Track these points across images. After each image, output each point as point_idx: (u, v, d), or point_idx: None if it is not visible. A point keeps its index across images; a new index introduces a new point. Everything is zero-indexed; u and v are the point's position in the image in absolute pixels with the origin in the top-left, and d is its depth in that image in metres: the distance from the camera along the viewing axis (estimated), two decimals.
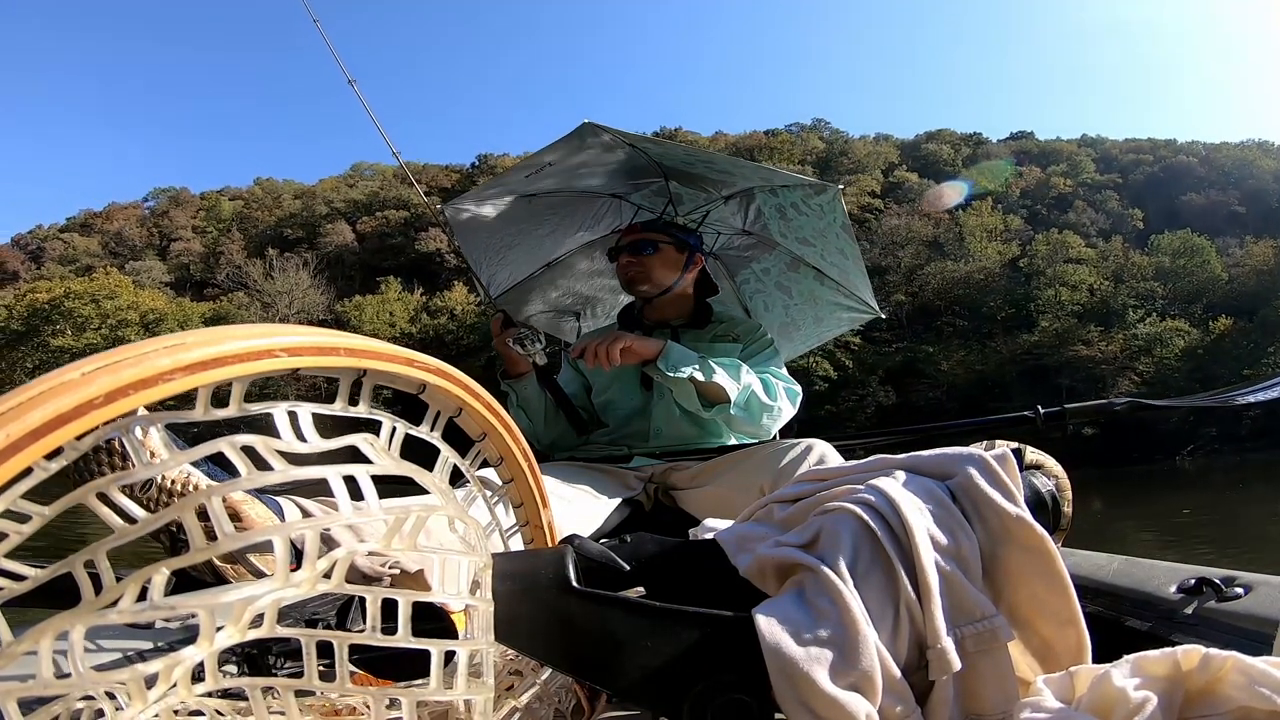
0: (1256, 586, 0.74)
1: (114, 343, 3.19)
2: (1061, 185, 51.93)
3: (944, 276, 41.62)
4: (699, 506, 1.57)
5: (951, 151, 58.81)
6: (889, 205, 49.75)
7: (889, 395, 35.33)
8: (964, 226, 44.53)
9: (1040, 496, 0.65)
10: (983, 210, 45.44)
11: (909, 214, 47.00)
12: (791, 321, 2.34)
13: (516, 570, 0.54)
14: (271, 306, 43.41)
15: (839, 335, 2.45)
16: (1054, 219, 47.39)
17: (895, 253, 43.74)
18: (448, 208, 2.01)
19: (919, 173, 54.96)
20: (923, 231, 45.01)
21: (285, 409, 0.38)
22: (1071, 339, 35.98)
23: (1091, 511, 13.83)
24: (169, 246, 60.98)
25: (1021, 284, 40.81)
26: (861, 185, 52.10)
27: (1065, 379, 33.69)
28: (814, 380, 34.58)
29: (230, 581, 0.81)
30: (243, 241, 56.86)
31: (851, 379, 36.18)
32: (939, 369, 36.70)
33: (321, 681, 0.41)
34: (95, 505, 0.36)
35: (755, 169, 2.00)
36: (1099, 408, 1.60)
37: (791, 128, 67.24)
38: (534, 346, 1.74)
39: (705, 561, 0.59)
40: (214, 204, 65.41)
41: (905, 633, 0.47)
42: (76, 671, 0.33)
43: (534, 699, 0.61)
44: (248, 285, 46.53)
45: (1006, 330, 38.26)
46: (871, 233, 45.40)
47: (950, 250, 43.46)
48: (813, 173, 54.39)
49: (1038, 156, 57.81)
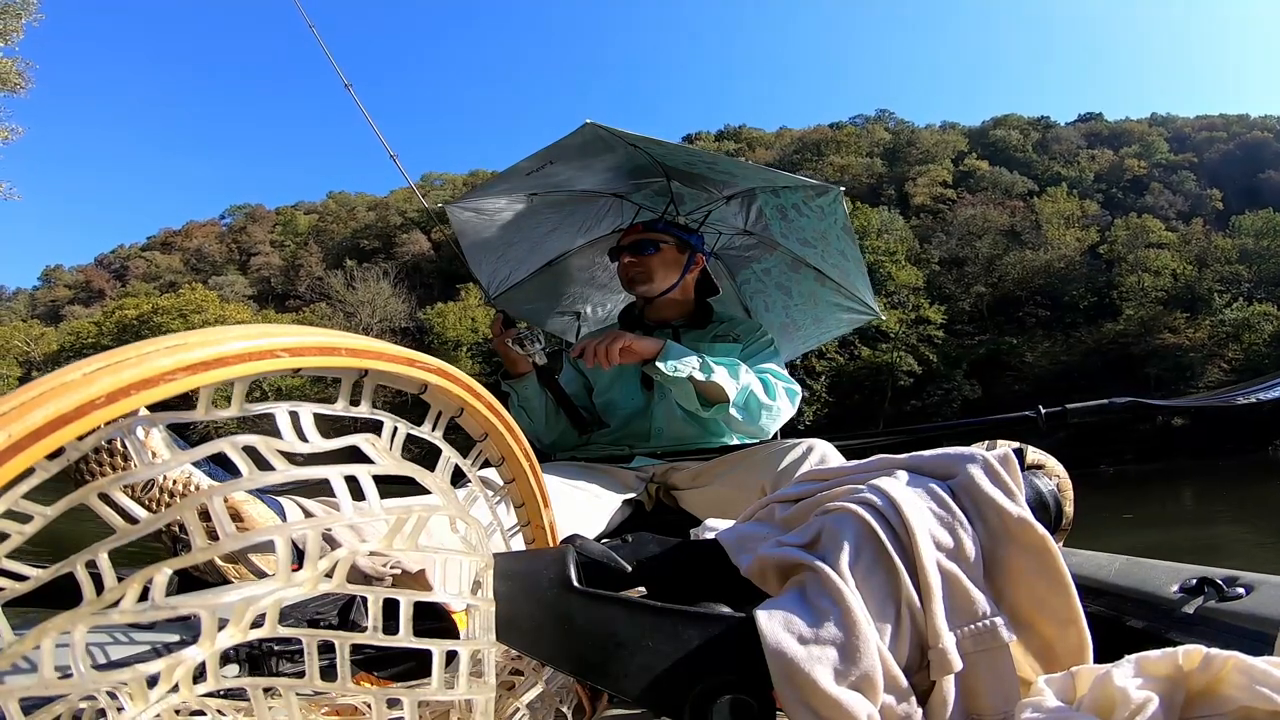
0: (1258, 586, 0.74)
1: None
2: (1135, 167, 50.67)
3: (1024, 266, 40.57)
4: (700, 506, 1.57)
5: (1020, 137, 57.46)
6: (961, 195, 49.08)
7: (974, 389, 34.67)
8: (1040, 214, 43.55)
9: (1042, 496, 0.65)
10: (1058, 196, 44.18)
11: (983, 203, 45.95)
12: (792, 322, 2.34)
13: (518, 570, 0.54)
14: (354, 316, 44.37)
15: (839, 336, 2.45)
16: (1131, 203, 46.34)
17: (972, 243, 42.80)
18: (449, 206, 2.01)
19: (989, 160, 54.12)
20: (999, 220, 44.00)
21: (287, 409, 0.38)
22: (1157, 327, 34.71)
23: (1181, 502, 13.72)
24: (249, 261, 62.90)
25: (1103, 271, 39.83)
26: (933, 176, 51.44)
27: (1152, 368, 33.02)
28: (898, 375, 34.59)
29: (231, 581, 0.81)
30: (320, 254, 58.32)
31: (936, 373, 35.69)
32: (1023, 361, 35.92)
33: (323, 681, 0.41)
34: (97, 505, 0.36)
35: (757, 170, 2.00)
36: (1099, 408, 1.59)
37: (856, 120, 66.55)
38: (534, 346, 1.74)
39: (706, 561, 0.59)
40: (289, 219, 67.26)
41: (906, 632, 0.47)
42: (78, 671, 0.33)
43: (535, 699, 0.61)
44: (330, 296, 47.51)
45: (1090, 319, 37.40)
46: (947, 224, 44.62)
47: (1028, 239, 42.36)
48: (881, 165, 54.05)
49: (1108, 138, 56.49)
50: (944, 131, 60.81)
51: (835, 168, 53.85)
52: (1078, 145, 55.90)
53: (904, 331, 36.71)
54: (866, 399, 34.96)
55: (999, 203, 45.93)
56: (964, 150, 56.44)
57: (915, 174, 52.51)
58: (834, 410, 34.36)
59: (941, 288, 40.65)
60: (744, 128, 72.46)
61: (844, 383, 35.80)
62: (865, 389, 35.51)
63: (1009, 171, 51.28)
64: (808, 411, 33.90)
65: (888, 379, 35.16)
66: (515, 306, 2.30)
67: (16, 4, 14.01)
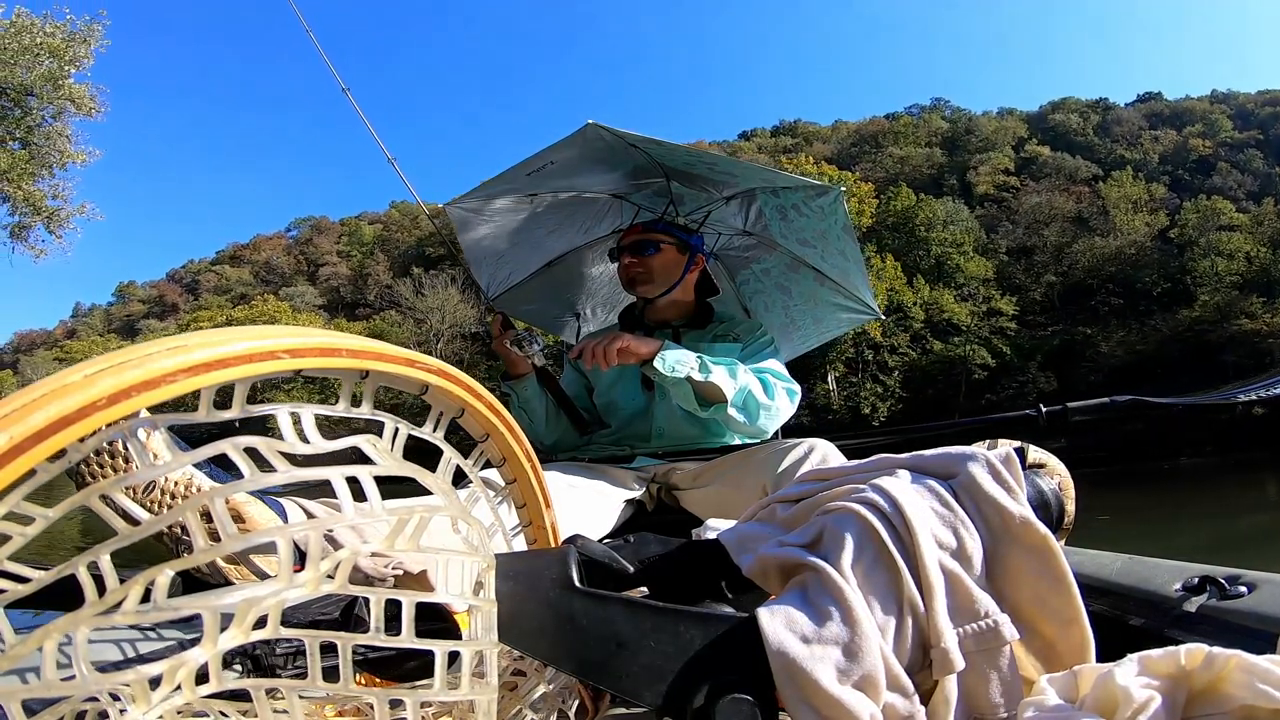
0: (1260, 585, 0.74)
1: None
2: (1200, 147, 48.29)
3: (1093, 253, 39.09)
4: (701, 506, 1.57)
5: (1080, 120, 55.63)
6: (1025, 182, 47.65)
7: (1049, 381, 33.54)
8: (1106, 199, 41.90)
9: (1043, 495, 0.64)
10: (1123, 180, 42.61)
11: (1048, 190, 44.54)
12: (791, 322, 2.34)
13: (520, 570, 0.54)
14: (424, 322, 44.80)
15: (838, 335, 2.45)
16: (1198, 184, 44.04)
17: (1040, 231, 41.50)
18: (448, 206, 2.01)
19: (1050, 145, 52.38)
20: (1065, 207, 42.54)
21: (288, 410, 0.38)
22: (1233, 312, 32.73)
23: (1267, 496, 13.60)
24: (317, 272, 64.44)
25: (1174, 256, 37.64)
26: (994, 164, 50.38)
27: (1230, 355, 31.33)
28: (972, 368, 33.91)
29: (234, 583, 0.81)
30: (387, 262, 58.95)
31: (1010, 365, 34.87)
32: (1098, 351, 34.82)
33: (326, 682, 0.41)
34: (99, 507, 0.36)
35: (758, 170, 2.00)
36: (1100, 406, 1.59)
37: (911, 109, 65.36)
38: (532, 347, 1.75)
39: (708, 561, 0.59)
40: (354, 229, 68.51)
41: (909, 632, 0.47)
42: (80, 673, 0.33)
43: (538, 699, 0.61)
44: (399, 304, 47.82)
45: (1164, 307, 35.59)
46: (1013, 212, 43.59)
47: (1096, 225, 40.76)
48: (941, 155, 53.02)
49: (1169, 118, 54.08)
50: (1002, 118, 58.83)
51: (895, 159, 52.96)
52: (1139, 126, 53.91)
53: (976, 324, 36.18)
54: (940, 393, 34.21)
55: (1064, 189, 44.52)
56: (1024, 136, 54.57)
57: (976, 162, 51.33)
58: (908, 405, 33.78)
59: (1011, 278, 39.68)
60: (799, 122, 71.64)
61: (917, 377, 35.18)
62: (939, 383, 34.80)
63: (1071, 156, 49.57)
64: (881, 407, 33.60)
65: (961, 373, 34.48)
66: (515, 307, 2.30)
67: (81, 32, 14.36)
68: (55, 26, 14.10)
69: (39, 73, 14.13)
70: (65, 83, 14.43)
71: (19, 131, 14.71)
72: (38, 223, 15.54)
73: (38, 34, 13.84)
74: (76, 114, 15.07)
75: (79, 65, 14.47)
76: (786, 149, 59.32)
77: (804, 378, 28.54)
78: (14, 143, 14.75)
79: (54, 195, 15.50)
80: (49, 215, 15.51)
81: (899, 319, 35.73)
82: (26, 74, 14.10)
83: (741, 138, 73.27)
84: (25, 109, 14.57)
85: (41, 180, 15.21)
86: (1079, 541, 0.96)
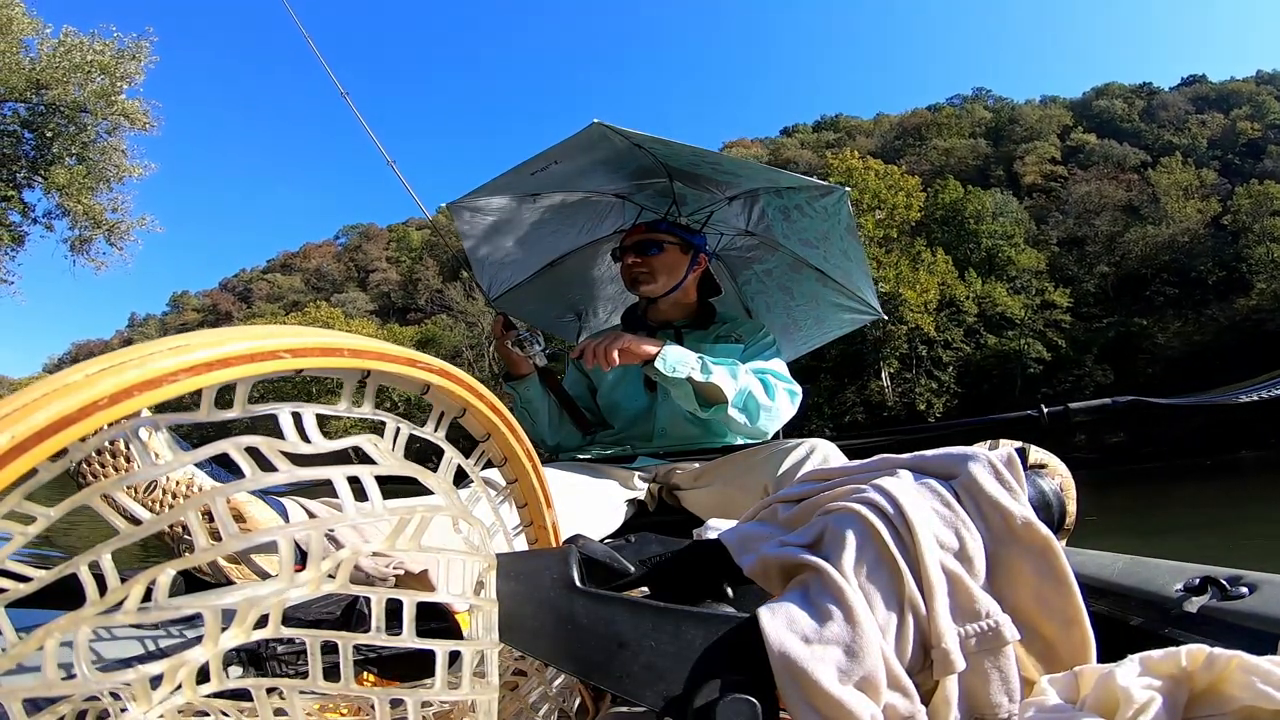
0: (1261, 586, 0.74)
1: None
2: (1249, 130, 47.07)
3: (1146, 242, 38.00)
4: (702, 506, 1.57)
5: (1125, 106, 54.60)
6: (1073, 171, 46.80)
7: (1106, 374, 33.33)
8: (1156, 186, 40.71)
9: (1045, 496, 0.64)
10: (1173, 166, 41.46)
11: (1096, 178, 43.54)
12: (793, 322, 2.34)
13: (521, 570, 0.54)
14: (475, 325, 45.08)
15: (841, 336, 2.44)
16: (1249, 168, 42.71)
17: (1090, 221, 40.72)
18: (452, 205, 2.01)
19: (1096, 133, 51.68)
20: (1115, 196, 41.67)
21: (289, 410, 0.38)
22: None
23: None
24: (367, 278, 65.27)
25: (1229, 243, 36.46)
26: (1040, 153, 49.57)
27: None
28: (1027, 363, 33.26)
29: (234, 582, 0.81)
30: (436, 267, 59.21)
31: (1066, 359, 34.23)
32: (1155, 343, 34.31)
33: (326, 682, 0.41)
34: (100, 507, 0.36)
35: (762, 170, 1.99)
36: (1100, 407, 1.59)
37: (953, 100, 64.58)
38: (534, 348, 1.75)
39: (709, 562, 0.59)
40: (402, 235, 68.88)
41: (910, 632, 0.47)
42: (81, 672, 0.33)
43: (539, 699, 0.61)
44: (450, 308, 48.37)
45: (1220, 296, 34.63)
46: (1062, 202, 42.81)
47: (1147, 213, 39.68)
48: (986, 146, 52.09)
49: (1216, 101, 52.67)
50: (1045, 106, 57.98)
51: (939, 151, 52.29)
52: (1185, 111, 52.62)
53: (1030, 317, 35.53)
54: (996, 388, 33.53)
55: (1112, 177, 43.66)
56: (1068, 124, 53.88)
57: (1022, 152, 50.53)
58: (964, 401, 33.24)
59: (1063, 269, 39.27)
60: (840, 117, 71.02)
61: (972, 373, 34.60)
62: (994, 378, 34.17)
63: (1118, 143, 48.86)
64: (937, 403, 32.97)
65: (1016, 367, 33.92)
66: (517, 307, 2.30)
67: (129, 49, 14.69)
68: (103, 44, 14.46)
69: (91, 90, 14.50)
70: (118, 99, 14.80)
71: (74, 148, 15.09)
72: (98, 236, 15.95)
73: (87, 52, 14.21)
74: (131, 129, 15.44)
75: (130, 81, 14.84)
76: (829, 144, 58.65)
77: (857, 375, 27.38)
78: (70, 159, 15.14)
79: (113, 209, 15.93)
80: (109, 228, 15.91)
81: (952, 313, 35.14)
82: (79, 91, 14.47)
83: (783, 133, 72.79)
84: (80, 125, 14.97)
85: (100, 194, 15.62)
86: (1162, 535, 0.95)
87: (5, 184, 15.00)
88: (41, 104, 14.52)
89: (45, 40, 14.27)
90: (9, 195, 15.03)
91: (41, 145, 15.01)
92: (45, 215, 15.89)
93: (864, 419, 32.00)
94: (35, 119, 14.79)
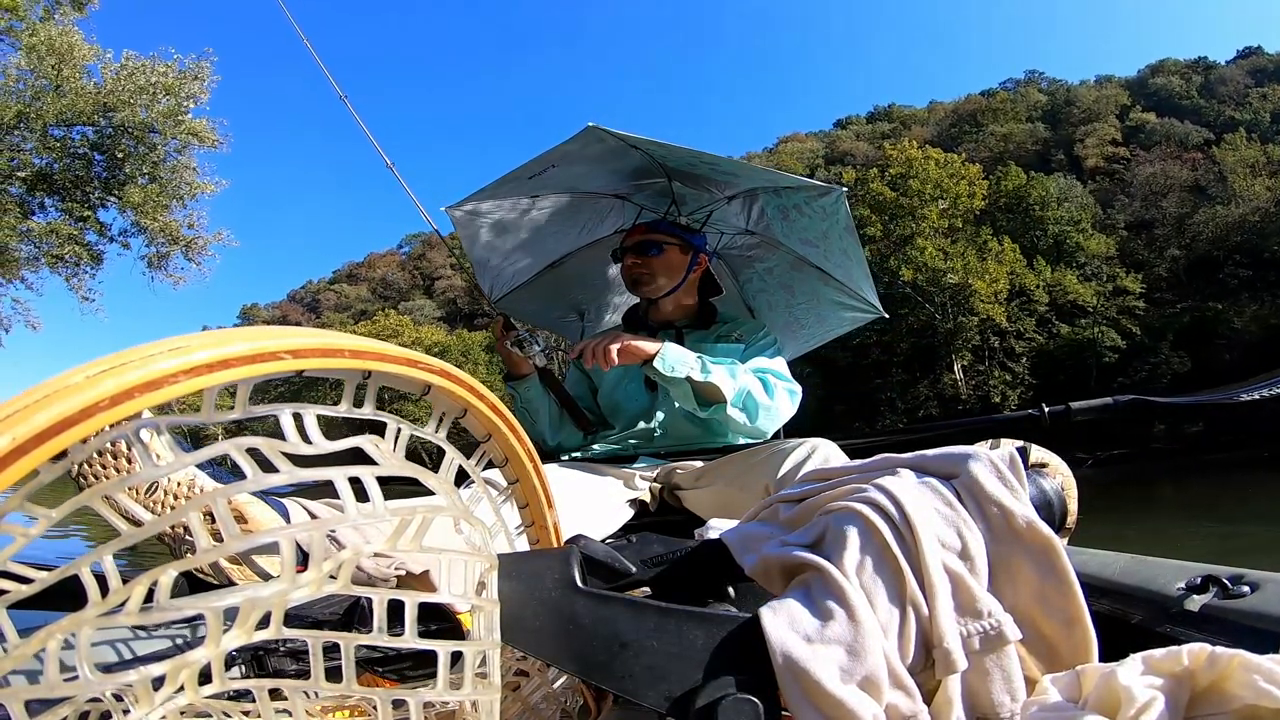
0: (1264, 584, 0.74)
1: None
2: None
3: (1216, 223, 35.49)
4: (704, 506, 1.57)
5: (1182, 83, 52.33)
6: (1135, 152, 44.47)
7: (1183, 362, 31.24)
8: (1222, 164, 37.92)
9: (1046, 496, 0.64)
10: (1237, 143, 39.02)
11: (1160, 158, 41.33)
12: (795, 320, 2.34)
13: (522, 570, 0.54)
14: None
15: (842, 334, 2.44)
16: None
17: (1157, 203, 38.36)
18: (450, 209, 2.01)
19: (1155, 112, 49.34)
20: (1180, 176, 39.24)
21: (290, 410, 0.38)
22: None
23: None
24: (432, 285, 65.88)
25: None
26: (1100, 135, 48.10)
27: None
28: (1101, 351, 32.12)
29: (236, 583, 0.81)
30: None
31: (1141, 346, 32.56)
32: (1231, 328, 32.05)
33: (328, 682, 0.41)
34: (102, 508, 0.36)
35: (760, 171, 1.99)
36: (1101, 406, 1.60)
37: (1007, 84, 63.01)
38: (533, 348, 1.75)
39: (710, 561, 0.59)
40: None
41: (911, 632, 0.47)
42: (83, 673, 0.33)
43: (540, 699, 0.61)
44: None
45: None
46: (1127, 185, 41.27)
47: (1214, 192, 37.09)
48: (1045, 130, 50.73)
49: (1274, 73, 49.72)
50: (1100, 86, 55.56)
51: (997, 137, 50.91)
52: (1244, 85, 50.17)
53: (1102, 305, 34.28)
54: (1071, 378, 31.86)
55: (1175, 156, 41.31)
56: (1126, 104, 51.42)
57: (1081, 135, 49.01)
58: (1038, 392, 31.45)
59: (1133, 254, 37.22)
60: (894, 106, 70.11)
61: (1045, 363, 33.25)
62: (1068, 368, 32.62)
63: (1179, 122, 46.82)
64: (1011, 395, 31.90)
65: (1091, 356, 32.44)
66: (518, 308, 2.30)
67: (190, 70, 14.91)
68: (165, 66, 14.69)
69: (158, 110, 14.78)
70: (184, 118, 15.05)
71: (146, 167, 15.35)
72: (175, 251, 16.26)
73: (150, 74, 14.49)
74: (200, 147, 15.68)
75: (195, 101, 15.10)
76: (885, 135, 57.43)
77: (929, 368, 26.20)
78: (143, 178, 15.39)
79: (189, 225, 16.19)
80: (186, 244, 16.21)
81: (1023, 303, 34.01)
82: (146, 112, 14.73)
83: (837, 126, 71.99)
84: (150, 145, 15.24)
85: (175, 211, 15.91)
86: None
87: (80, 204, 15.30)
88: (110, 126, 14.80)
89: (108, 65, 14.56)
90: (85, 215, 15.30)
91: (113, 166, 15.30)
92: (121, 233, 16.23)
93: (938, 413, 30.88)
94: (105, 141, 15.07)
